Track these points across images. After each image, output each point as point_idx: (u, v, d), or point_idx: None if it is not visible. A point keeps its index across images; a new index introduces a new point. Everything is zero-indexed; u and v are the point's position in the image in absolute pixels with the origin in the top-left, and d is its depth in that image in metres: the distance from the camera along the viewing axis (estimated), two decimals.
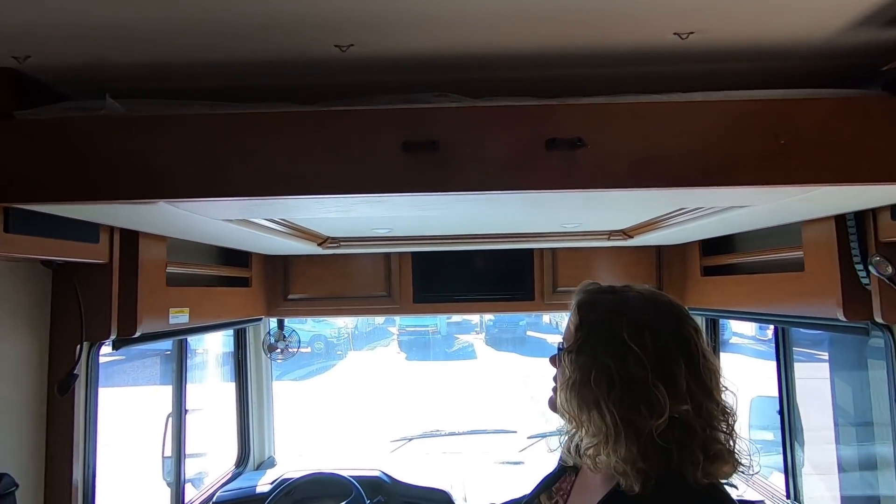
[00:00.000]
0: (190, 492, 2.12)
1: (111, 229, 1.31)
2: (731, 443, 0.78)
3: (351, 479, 1.97)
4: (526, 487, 2.39)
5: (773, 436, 2.12)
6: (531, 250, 2.36)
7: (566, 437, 0.96)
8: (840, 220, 1.36)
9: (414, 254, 2.36)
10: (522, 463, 2.41)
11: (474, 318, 20.14)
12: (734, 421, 0.79)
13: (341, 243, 2.07)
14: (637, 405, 0.75)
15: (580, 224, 1.82)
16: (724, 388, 0.80)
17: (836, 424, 1.80)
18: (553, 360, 0.92)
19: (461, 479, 2.24)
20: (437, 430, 2.99)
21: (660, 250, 2.32)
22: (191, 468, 2.11)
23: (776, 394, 2.15)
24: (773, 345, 1.94)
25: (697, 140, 0.94)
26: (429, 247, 2.16)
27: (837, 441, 1.75)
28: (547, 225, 1.87)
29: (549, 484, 1.01)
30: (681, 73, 1.02)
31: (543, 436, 2.90)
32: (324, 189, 0.96)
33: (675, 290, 2.29)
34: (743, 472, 0.81)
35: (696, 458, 0.74)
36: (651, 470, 0.74)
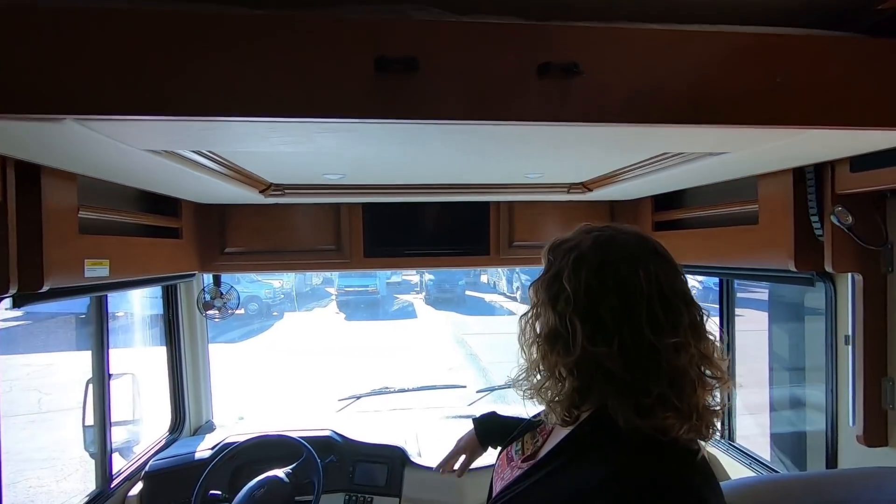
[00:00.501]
0: (119, 462, 1.93)
1: (2, 161, 1.07)
2: (674, 398, 0.70)
3: (300, 439, 1.88)
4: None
5: None
6: (487, 203, 2.29)
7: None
8: (798, 172, 1.39)
9: (365, 205, 2.22)
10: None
11: (413, 277, 20.26)
12: (686, 376, 0.71)
13: (286, 191, 1.88)
14: (556, 342, 0.75)
15: (543, 174, 1.76)
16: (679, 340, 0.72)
17: (770, 370, 1.94)
18: None
19: (414, 435, 2.22)
20: (387, 388, 2.94)
21: (613, 206, 2.33)
22: (119, 437, 1.92)
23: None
24: (718, 298, 2.03)
25: (694, 74, 0.88)
26: (382, 197, 2.02)
27: (771, 385, 1.90)
28: (511, 175, 1.79)
29: (534, 425, 1.00)
30: (675, 3, 0.94)
31: (492, 389, 2.95)
32: (277, 110, 0.80)
33: None
34: (698, 436, 0.72)
35: (625, 402, 0.71)
36: (573, 408, 0.76)
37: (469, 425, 1.36)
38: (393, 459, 1.97)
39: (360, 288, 16.60)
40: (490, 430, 1.31)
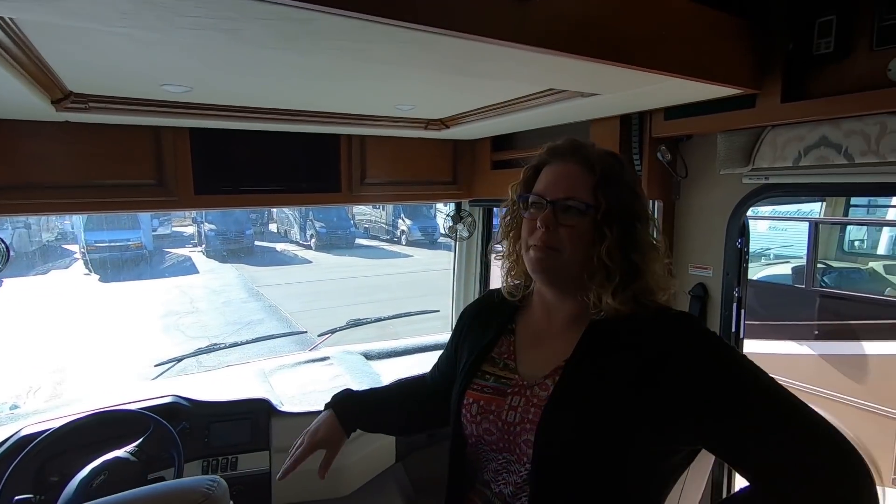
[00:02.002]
0: None
1: None
2: None
3: (141, 410, 1.57)
4: (342, 381, 2.37)
5: None
6: (338, 136, 2.16)
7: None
8: (625, 118, 1.72)
9: (194, 130, 1.85)
10: (328, 358, 2.37)
11: (189, 228, 17.82)
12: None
13: (91, 104, 1.44)
14: (637, 225, 0.91)
15: (415, 107, 1.75)
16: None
17: None
18: (546, 218, 0.91)
19: (266, 386, 2.07)
20: (215, 345, 2.63)
21: (456, 144, 2.47)
22: None
23: None
24: None
25: (620, 14, 1.00)
26: (216, 121, 1.71)
27: None
28: (380, 106, 1.73)
29: (485, 352, 1.02)
30: None
31: (334, 331, 2.91)
32: None
33: (466, 181, 2.52)
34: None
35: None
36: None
37: (327, 367, 1.32)
38: (256, 413, 1.82)
39: (116, 243, 13.73)
40: (354, 409, 1.18)
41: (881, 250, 5.38)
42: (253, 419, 1.81)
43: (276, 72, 1.25)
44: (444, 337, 2.68)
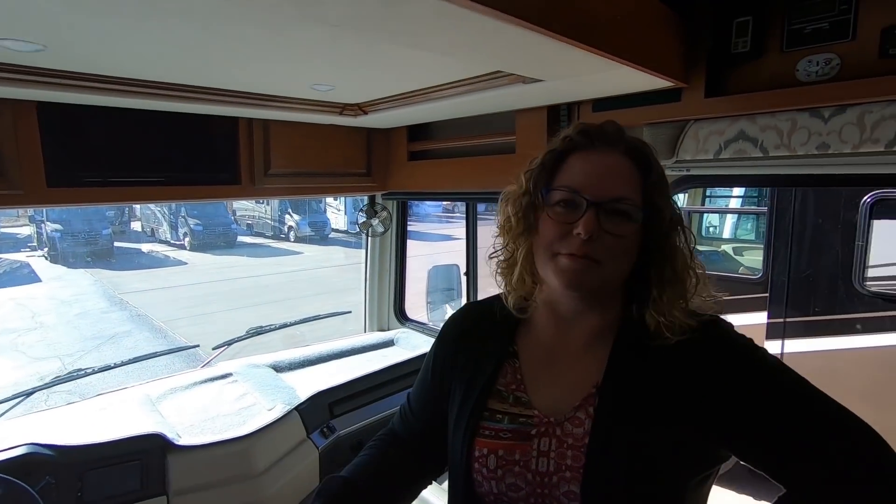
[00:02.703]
0: None
1: None
2: None
3: None
4: (249, 400, 2.08)
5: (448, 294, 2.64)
6: (236, 119, 1.87)
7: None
8: (553, 110, 1.70)
9: (45, 105, 1.45)
10: (230, 374, 2.07)
11: (25, 229, 15.06)
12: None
13: None
14: (679, 231, 0.80)
15: (334, 87, 1.55)
16: None
17: None
18: (589, 223, 0.73)
19: (155, 416, 1.73)
20: (78, 370, 2.16)
21: (370, 133, 2.29)
22: None
23: (450, 262, 2.64)
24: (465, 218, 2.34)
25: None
26: (77, 92, 1.36)
27: None
28: (293, 84, 1.51)
29: (490, 384, 0.82)
30: None
31: (232, 342, 2.57)
32: None
33: (381, 173, 2.36)
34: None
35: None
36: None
37: (230, 385, 1.08)
38: (147, 452, 1.50)
39: None
40: None
41: (726, 234, 6.26)
42: (143, 460, 1.49)
43: (159, 33, 0.99)
44: (361, 340, 2.52)
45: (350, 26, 0.87)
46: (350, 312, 2.90)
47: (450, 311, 2.70)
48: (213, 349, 2.51)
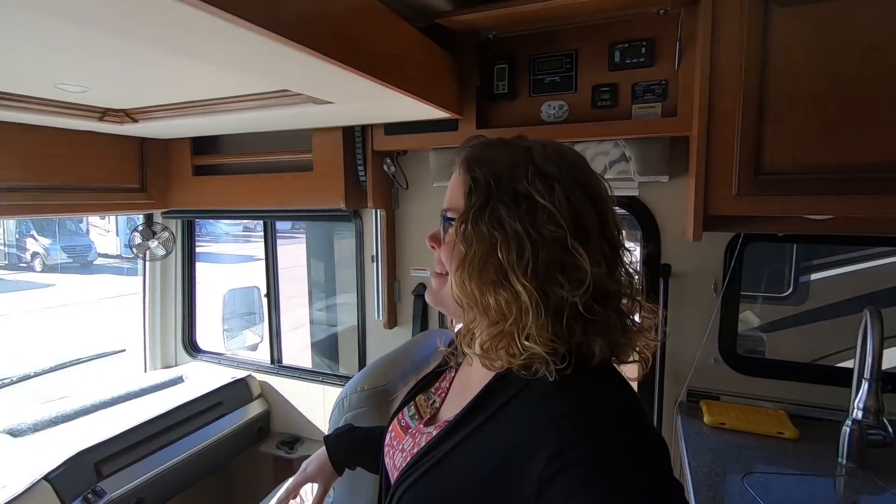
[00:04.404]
0: None
1: None
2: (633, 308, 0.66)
3: None
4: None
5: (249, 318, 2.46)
6: None
7: (455, 333, 0.80)
8: (348, 130, 1.76)
9: None
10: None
11: None
12: (638, 284, 0.68)
13: None
14: (555, 274, 0.60)
15: (88, 89, 1.32)
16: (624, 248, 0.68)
17: (310, 293, 2.32)
18: (435, 239, 0.71)
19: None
20: None
21: (143, 143, 2.01)
22: None
23: (247, 284, 2.48)
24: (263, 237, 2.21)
25: (360, 26, 1.00)
26: None
27: (311, 304, 2.27)
28: (31, 79, 1.23)
29: (428, 384, 0.87)
30: None
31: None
32: None
33: (160, 188, 2.09)
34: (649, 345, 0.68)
35: (613, 332, 0.63)
36: (558, 350, 0.60)
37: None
38: None
39: None
40: (349, 447, 1.03)
41: None
42: None
43: None
44: (140, 382, 2.15)
45: (103, 28, 0.77)
46: (124, 351, 2.47)
47: (251, 337, 2.52)
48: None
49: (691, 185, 1.23)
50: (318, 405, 2.17)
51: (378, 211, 1.89)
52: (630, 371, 0.67)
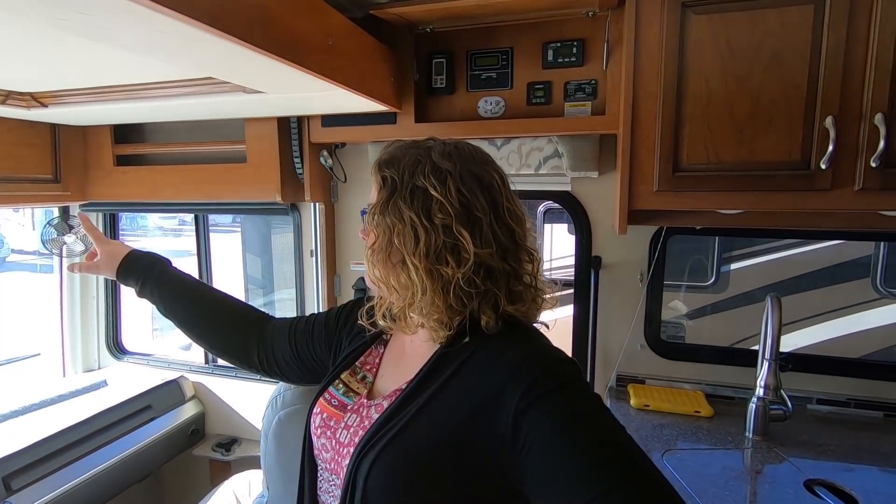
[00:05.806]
0: None
1: None
2: (535, 283, 0.80)
3: None
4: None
5: None
6: None
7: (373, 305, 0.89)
8: (283, 121, 1.70)
9: None
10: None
11: None
12: (539, 262, 0.81)
13: None
14: (443, 256, 0.72)
15: None
16: (529, 232, 0.81)
17: (245, 290, 2.23)
18: (364, 231, 0.82)
19: None
20: None
21: (56, 129, 1.86)
22: None
23: None
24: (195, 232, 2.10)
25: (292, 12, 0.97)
26: None
27: (247, 300, 2.18)
28: None
29: (351, 360, 0.91)
30: None
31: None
32: None
33: (77, 179, 1.94)
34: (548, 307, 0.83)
35: (499, 294, 0.74)
36: (452, 319, 0.74)
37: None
38: None
39: None
40: (158, 263, 1.15)
41: None
42: None
43: None
44: (57, 388, 2.01)
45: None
46: (39, 355, 2.28)
47: (183, 337, 2.40)
48: None
49: (618, 180, 1.29)
50: (255, 405, 2.10)
51: (316, 204, 1.85)
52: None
